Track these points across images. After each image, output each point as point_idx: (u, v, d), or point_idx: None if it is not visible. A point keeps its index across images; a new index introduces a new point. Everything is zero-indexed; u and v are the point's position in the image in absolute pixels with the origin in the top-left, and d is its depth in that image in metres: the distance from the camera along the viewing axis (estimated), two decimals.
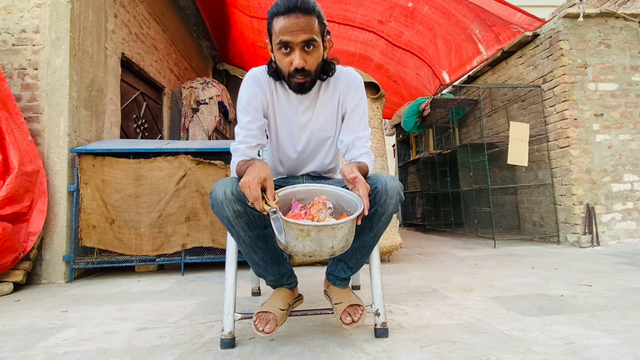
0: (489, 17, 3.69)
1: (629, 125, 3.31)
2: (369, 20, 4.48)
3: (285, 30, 1.02)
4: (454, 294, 1.71)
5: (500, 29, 3.75)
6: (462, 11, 3.81)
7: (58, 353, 1.15)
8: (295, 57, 1.05)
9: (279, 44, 1.05)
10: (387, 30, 4.65)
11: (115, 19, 3.00)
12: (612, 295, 1.61)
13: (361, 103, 1.25)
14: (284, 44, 1.04)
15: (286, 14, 1.01)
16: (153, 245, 2.39)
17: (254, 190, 0.93)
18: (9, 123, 2.12)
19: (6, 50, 2.40)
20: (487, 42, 4.05)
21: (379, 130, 2.82)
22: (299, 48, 1.05)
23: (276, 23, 1.04)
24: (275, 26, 1.05)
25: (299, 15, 1.01)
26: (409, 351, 1.07)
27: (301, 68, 1.06)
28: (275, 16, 1.04)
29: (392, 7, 4.18)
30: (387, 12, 4.32)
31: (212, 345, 1.17)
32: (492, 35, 3.91)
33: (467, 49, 4.39)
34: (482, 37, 4.05)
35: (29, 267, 2.19)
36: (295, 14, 1.01)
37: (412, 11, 4.16)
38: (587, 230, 3.10)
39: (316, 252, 0.95)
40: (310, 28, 1.03)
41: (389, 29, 4.62)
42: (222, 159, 2.50)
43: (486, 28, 3.85)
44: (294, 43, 1.04)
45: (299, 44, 1.04)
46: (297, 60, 1.05)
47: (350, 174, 1.04)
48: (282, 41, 1.03)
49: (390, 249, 2.60)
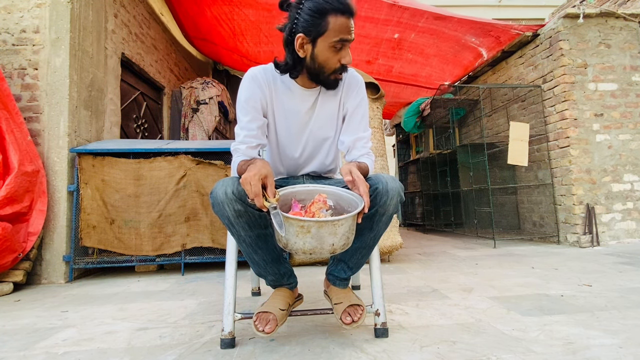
0: (485, 26, 3.67)
1: (629, 125, 3.31)
2: (357, 63, 4.49)
3: (347, 30, 1.06)
4: (454, 294, 1.71)
5: (500, 33, 3.74)
6: (452, 27, 3.77)
7: (58, 353, 1.15)
8: (347, 54, 1.10)
9: (338, 42, 1.07)
10: (377, 69, 4.67)
11: (115, 19, 3.00)
12: (612, 295, 1.61)
13: (362, 104, 1.25)
14: (344, 42, 1.08)
15: (347, 15, 1.06)
16: (153, 245, 2.39)
17: (254, 186, 0.93)
18: (9, 123, 2.12)
19: (6, 50, 2.40)
20: (487, 45, 4.03)
21: (379, 130, 2.82)
22: (348, 46, 1.11)
23: (336, 21, 1.06)
24: (333, 24, 1.06)
25: (353, 17, 1.08)
26: (409, 351, 1.07)
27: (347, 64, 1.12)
28: (334, 14, 1.05)
29: (378, 43, 4.17)
30: (374, 50, 4.30)
31: (212, 345, 1.17)
32: (492, 39, 3.90)
33: (466, 55, 4.36)
34: (480, 42, 4.04)
35: (29, 267, 2.19)
36: (353, 16, 1.08)
37: (399, 41, 4.14)
38: (587, 230, 3.10)
39: (316, 249, 0.95)
40: None
41: (378, 67, 4.63)
42: (222, 159, 2.50)
43: (484, 34, 3.84)
44: (349, 41, 1.09)
45: (350, 42, 1.10)
46: (348, 57, 1.11)
47: (348, 173, 1.04)
48: (344, 39, 1.07)
49: (390, 249, 2.60)
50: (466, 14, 3.70)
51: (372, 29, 3.91)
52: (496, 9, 9.94)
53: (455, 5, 9.78)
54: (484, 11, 9.64)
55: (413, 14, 3.59)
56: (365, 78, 2.60)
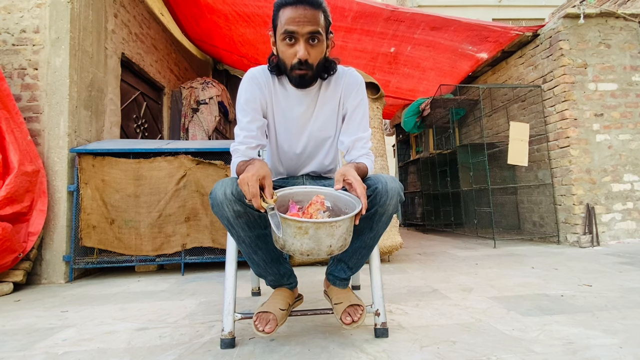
0: (482, 32, 3.65)
1: (629, 125, 3.31)
2: None
3: (292, 20, 1.03)
4: (454, 294, 1.71)
5: (498, 36, 3.73)
6: (449, 37, 3.74)
7: (58, 353, 1.15)
8: (300, 48, 1.05)
9: (284, 34, 1.05)
10: None
11: (115, 19, 3.00)
12: (612, 295, 1.61)
13: (362, 104, 1.24)
14: (290, 33, 1.04)
15: (294, 5, 1.02)
16: (153, 245, 2.39)
17: (252, 187, 0.93)
18: (8, 123, 2.12)
19: (6, 50, 2.40)
20: (487, 49, 4.02)
21: (379, 130, 2.82)
22: (304, 40, 1.05)
23: (283, 13, 1.04)
24: (281, 17, 1.05)
25: (306, 7, 1.02)
26: (409, 351, 1.07)
27: (304, 60, 1.06)
28: (283, 7, 1.04)
29: (374, 57, 4.16)
30: (371, 64, 4.28)
31: (212, 345, 1.16)
32: (490, 44, 3.90)
33: (463, 65, 4.36)
34: (478, 49, 4.04)
35: (29, 267, 2.19)
36: (303, 6, 1.02)
37: (396, 55, 4.13)
38: (587, 230, 3.09)
39: (314, 251, 0.95)
40: (316, 21, 1.04)
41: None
42: (222, 159, 2.50)
43: (481, 41, 3.83)
44: (299, 34, 1.04)
45: (304, 35, 1.04)
46: (301, 51, 1.05)
47: (340, 179, 1.04)
48: (288, 31, 1.03)
49: (390, 249, 2.60)
50: (466, 14, 3.68)
51: (369, 42, 3.91)
52: (496, 9, 9.94)
53: (456, 5, 9.79)
54: (484, 11, 9.64)
55: (409, 25, 3.57)
56: (365, 78, 2.60)
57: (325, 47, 1.12)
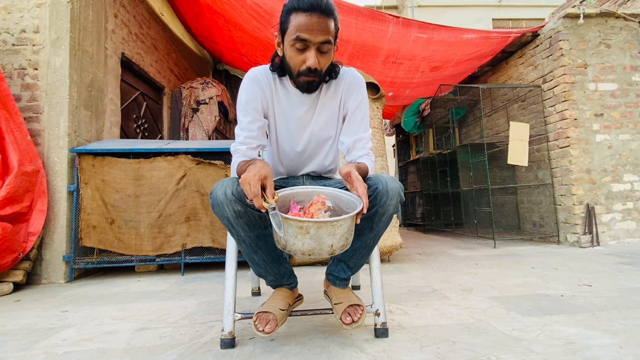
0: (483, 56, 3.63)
1: (629, 125, 3.32)
2: None
3: (305, 28, 1.01)
4: (454, 294, 1.71)
5: (497, 44, 3.74)
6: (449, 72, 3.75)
7: (58, 353, 1.15)
8: (311, 56, 1.04)
9: (295, 40, 1.03)
10: None
11: (115, 19, 3.00)
12: (612, 295, 1.61)
13: (363, 104, 1.24)
14: (302, 41, 1.03)
15: (309, 12, 1.00)
16: (153, 245, 2.39)
17: (253, 187, 0.92)
18: (8, 123, 2.12)
19: (6, 50, 2.40)
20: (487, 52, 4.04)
21: (379, 130, 2.82)
22: (315, 48, 1.04)
23: (295, 18, 1.02)
24: (293, 21, 1.03)
25: (320, 16, 1.01)
26: (409, 351, 1.07)
27: (314, 69, 1.05)
28: (295, 11, 1.02)
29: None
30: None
31: (212, 345, 1.16)
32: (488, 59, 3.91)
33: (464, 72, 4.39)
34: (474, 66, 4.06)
35: (29, 267, 2.19)
36: (317, 14, 1.00)
37: (394, 99, 4.18)
38: (587, 230, 3.09)
39: (315, 251, 0.95)
40: (329, 30, 1.03)
41: None
42: (222, 159, 2.50)
43: (481, 58, 3.84)
44: (311, 42, 1.03)
45: (316, 44, 1.03)
46: (312, 60, 1.04)
47: (345, 170, 1.03)
48: (300, 38, 1.02)
49: (390, 249, 2.60)
50: (466, 14, 3.68)
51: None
52: (496, 9, 9.94)
53: (456, 5, 9.78)
54: (484, 11, 9.64)
55: (408, 69, 3.53)
56: (365, 78, 2.60)
57: (333, 53, 1.11)
